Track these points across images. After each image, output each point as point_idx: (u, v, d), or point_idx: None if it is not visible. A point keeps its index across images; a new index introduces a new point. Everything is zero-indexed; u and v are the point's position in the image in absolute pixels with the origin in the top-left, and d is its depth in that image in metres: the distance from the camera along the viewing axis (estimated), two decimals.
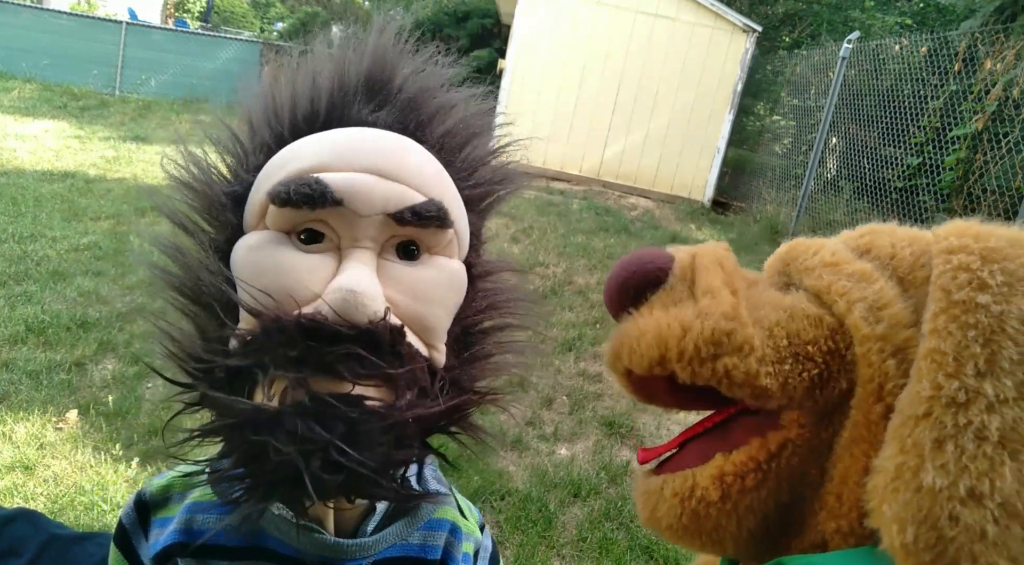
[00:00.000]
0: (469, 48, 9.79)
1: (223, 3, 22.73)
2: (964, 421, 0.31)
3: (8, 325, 2.78)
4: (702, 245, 0.45)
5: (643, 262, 0.43)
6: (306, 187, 0.39)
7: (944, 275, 0.34)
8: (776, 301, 0.41)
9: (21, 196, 4.48)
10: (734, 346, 0.38)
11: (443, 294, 0.43)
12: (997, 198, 4.00)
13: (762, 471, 0.39)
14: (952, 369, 0.32)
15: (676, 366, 0.39)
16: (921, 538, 0.30)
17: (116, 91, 9.41)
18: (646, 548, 1.99)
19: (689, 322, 0.39)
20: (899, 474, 0.32)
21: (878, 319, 0.36)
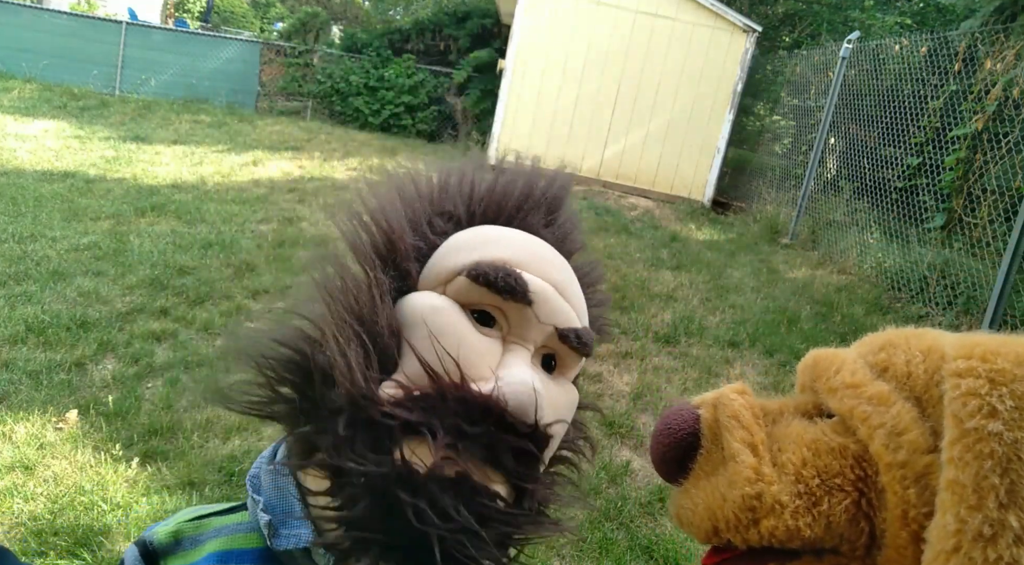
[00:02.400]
0: (469, 48, 9.79)
1: (223, 3, 22.73)
2: (994, 556, 0.31)
3: (8, 325, 2.78)
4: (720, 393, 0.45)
5: (673, 432, 0.45)
6: (512, 279, 0.42)
7: (955, 402, 0.34)
8: (800, 437, 0.41)
9: (21, 196, 4.48)
10: (767, 508, 0.39)
11: (568, 416, 0.46)
12: (997, 198, 4.00)
13: None
14: (974, 502, 0.32)
15: (728, 535, 0.41)
16: None
17: (116, 91, 9.41)
18: (646, 548, 1.99)
19: (724, 491, 0.41)
20: None
21: (898, 446, 0.37)
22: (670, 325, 3.59)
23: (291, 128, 8.35)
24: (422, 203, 0.48)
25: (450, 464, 0.37)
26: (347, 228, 0.45)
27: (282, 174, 5.98)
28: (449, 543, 0.36)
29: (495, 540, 0.38)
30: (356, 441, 0.38)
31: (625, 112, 7.04)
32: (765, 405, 0.45)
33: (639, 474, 2.37)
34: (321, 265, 0.44)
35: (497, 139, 7.18)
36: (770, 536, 0.39)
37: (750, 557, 0.42)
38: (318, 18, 10.12)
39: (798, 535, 0.39)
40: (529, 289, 0.42)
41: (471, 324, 0.42)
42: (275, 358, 0.42)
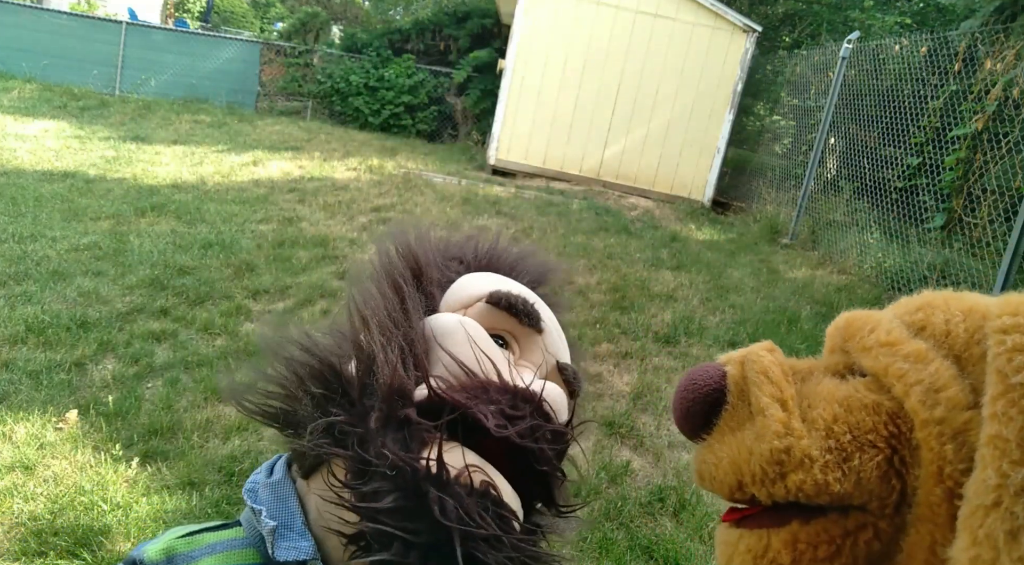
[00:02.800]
0: (469, 48, 9.78)
1: (223, 3, 22.72)
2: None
3: (8, 325, 2.78)
4: (748, 350, 0.45)
5: (698, 387, 0.44)
6: (531, 307, 0.48)
7: (1000, 357, 0.34)
8: (831, 394, 0.41)
9: (21, 196, 4.48)
10: (795, 462, 0.39)
11: None
12: (997, 198, 4.00)
13: (835, 544, 0.39)
14: (1017, 456, 0.32)
15: (753, 490, 0.41)
16: None
17: (116, 91, 9.41)
18: (646, 548, 1.99)
19: (751, 445, 0.40)
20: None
21: (935, 402, 0.36)
22: (670, 325, 3.59)
23: (291, 128, 8.35)
24: (438, 247, 0.56)
25: (477, 473, 0.39)
26: (383, 254, 0.51)
27: (282, 174, 5.98)
28: (468, 546, 0.36)
29: (505, 557, 0.39)
30: (387, 437, 0.39)
31: (625, 112, 7.04)
32: (794, 364, 0.45)
33: (639, 474, 2.37)
34: (358, 285, 0.48)
35: (497, 139, 7.18)
36: (797, 490, 0.39)
37: (773, 513, 0.41)
38: (318, 18, 10.12)
39: (827, 490, 0.38)
40: (543, 318, 0.48)
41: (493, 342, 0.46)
42: (304, 364, 0.44)
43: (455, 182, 6.39)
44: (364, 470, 0.39)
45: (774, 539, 0.41)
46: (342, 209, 5.06)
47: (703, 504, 2.23)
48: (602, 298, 3.90)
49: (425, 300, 0.49)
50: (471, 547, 0.37)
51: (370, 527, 0.38)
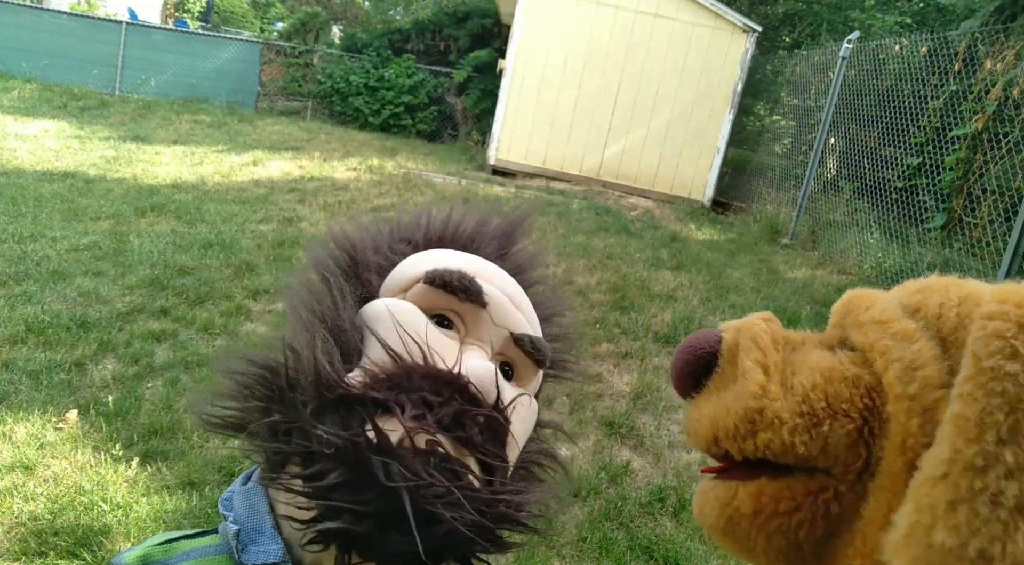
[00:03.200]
0: (469, 48, 9.78)
1: (223, 3, 22.72)
2: (980, 486, 0.32)
3: (8, 325, 2.77)
4: (745, 320, 0.48)
5: (694, 349, 0.47)
6: (468, 281, 0.46)
7: (977, 341, 0.35)
8: (816, 364, 0.44)
9: (21, 196, 4.48)
10: (766, 422, 0.42)
11: (528, 419, 0.48)
12: (997, 198, 4.00)
13: (796, 501, 0.42)
14: (973, 435, 0.33)
15: (727, 445, 0.44)
16: None
17: (116, 91, 9.41)
18: (646, 548, 1.99)
19: (729, 404, 0.44)
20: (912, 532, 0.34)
21: (911, 379, 0.38)
22: (670, 325, 3.59)
23: (291, 128, 8.35)
24: (383, 232, 0.54)
25: (421, 435, 0.38)
26: (313, 250, 0.51)
27: (282, 174, 5.98)
28: (421, 505, 0.36)
29: (465, 515, 0.38)
30: (325, 422, 0.39)
31: (625, 112, 7.04)
32: (789, 335, 0.47)
33: (639, 474, 2.37)
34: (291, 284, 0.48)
35: (497, 139, 7.18)
36: (765, 448, 0.41)
37: (746, 469, 0.44)
38: (318, 18, 10.12)
39: (792, 451, 0.41)
40: (484, 290, 0.46)
41: (431, 323, 0.45)
42: (247, 374, 0.44)
43: (455, 182, 6.39)
44: (310, 457, 0.39)
45: (741, 490, 0.44)
46: (342, 209, 5.06)
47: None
48: (602, 298, 3.90)
49: (361, 287, 0.48)
50: (424, 504, 0.36)
51: (320, 505, 0.38)
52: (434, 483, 0.36)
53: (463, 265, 0.48)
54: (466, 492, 0.38)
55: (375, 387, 0.40)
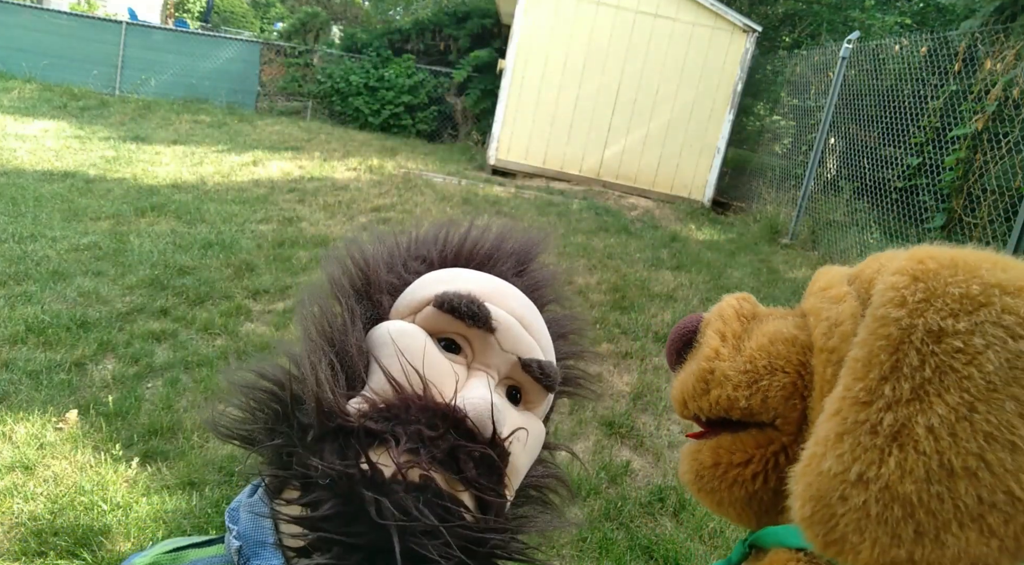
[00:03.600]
0: (469, 48, 9.78)
1: (223, 3, 22.72)
2: (863, 418, 0.36)
3: (8, 325, 2.77)
4: (722, 299, 0.53)
5: (679, 329, 0.54)
6: (476, 307, 0.45)
7: (877, 294, 0.39)
8: (766, 330, 0.49)
9: (21, 196, 4.48)
10: (717, 381, 0.47)
11: (533, 445, 0.48)
12: (997, 198, 4.00)
13: (749, 453, 0.47)
14: (860, 373, 0.37)
15: (691, 404, 0.49)
16: (817, 513, 0.36)
17: (116, 91, 9.42)
18: (646, 548, 1.99)
19: (690, 367, 0.49)
20: (808, 462, 0.38)
21: (831, 335, 0.43)
22: (670, 325, 3.59)
23: (291, 128, 8.35)
24: (399, 248, 0.53)
25: (415, 470, 0.38)
26: (328, 267, 0.50)
27: (282, 174, 5.98)
28: (409, 542, 0.36)
29: (458, 546, 0.38)
30: (324, 450, 0.39)
31: (625, 112, 7.04)
32: (759, 310, 0.53)
33: (639, 474, 2.37)
34: (304, 301, 0.47)
35: (497, 139, 7.18)
36: (716, 404, 0.47)
37: (711, 430, 0.51)
38: (318, 18, 10.12)
39: (736, 405, 0.46)
40: (492, 316, 0.45)
41: (437, 348, 0.45)
42: (256, 388, 0.44)
43: (455, 182, 6.39)
44: (307, 484, 0.39)
45: (704, 446, 0.50)
46: (342, 209, 5.06)
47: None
48: (602, 298, 3.90)
49: (372, 308, 0.48)
50: (413, 542, 0.36)
51: (312, 536, 0.38)
52: (423, 520, 0.36)
53: (475, 287, 0.48)
54: (456, 529, 0.38)
55: (372, 417, 0.40)
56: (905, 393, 0.36)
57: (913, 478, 0.34)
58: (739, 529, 2.13)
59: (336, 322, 0.45)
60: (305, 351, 0.43)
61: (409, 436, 0.39)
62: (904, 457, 0.35)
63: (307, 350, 0.43)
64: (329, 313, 0.46)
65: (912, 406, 0.35)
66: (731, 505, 0.49)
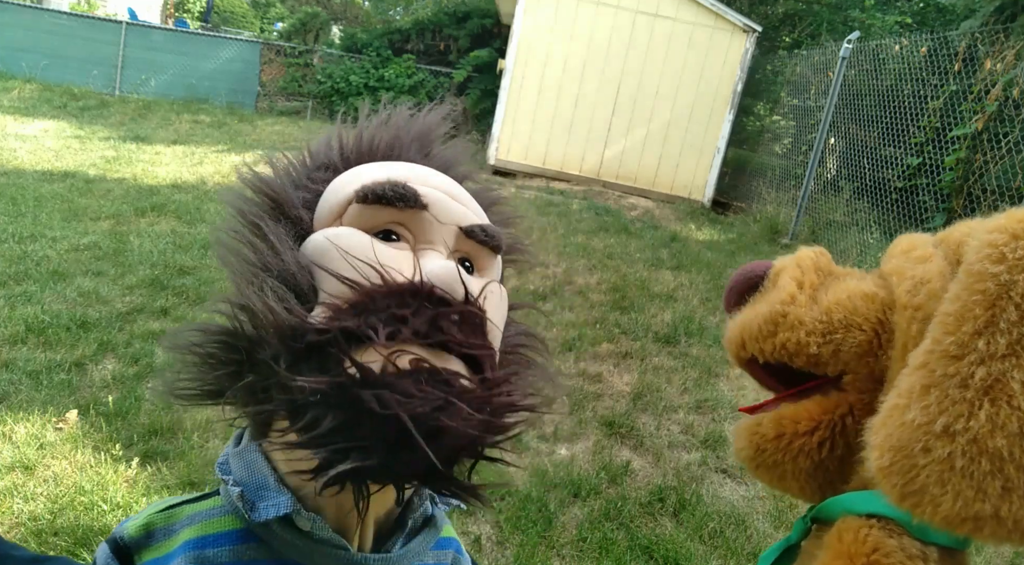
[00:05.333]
0: (469, 48, 9.78)
1: (223, 3, 22.72)
2: (953, 371, 0.35)
3: (8, 325, 2.78)
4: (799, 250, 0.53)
5: (747, 272, 0.54)
6: (401, 188, 0.43)
7: (972, 251, 0.38)
8: (844, 286, 0.48)
9: (21, 196, 4.49)
10: (788, 324, 0.46)
11: (501, 305, 0.47)
12: (997, 198, 4.00)
13: (815, 420, 0.45)
14: (952, 327, 0.36)
15: (750, 346, 0.48)
16: (896, 463, 0.35)
17: (116, 91, 9.42)
18: (646, 548, 1.99)
19: (759, 308, 0.48)
20: (890, 413, 0.37)
21: (917, 292, 0.42)
22: (670, 325, 3.59)
23: (291, 128, 8.35)
24: (296, 165, 0.50)
25: (403, 356, 0.37)
26: (231, 200, 0.47)
27: None
28: (423, 422, 0.35)
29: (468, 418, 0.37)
30: (303, 372, 0.38)
31: (625, 112, 7.05)
32: (835, 268, 0.52)
33: (639, 474, 2.37)
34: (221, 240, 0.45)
35: (497, 139, 7.18)
36: (782, 347, 0.46)
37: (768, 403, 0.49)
38: (318, 18, 10.12)
39: (805, 350, 0.45)
40: (419, 193, 0.44)
41: (377, 241, 0.43)
42: (206, 343, 0.42)
43: None
44: (297, 410, 0.38)
45: (764, 418, 0.48)
46: None
47: (703, 504, 2.23)
48: (602, 298, 3.90)
49: (294, 226, 0.45)
50: (428, 421, 0.35)
51: (323, 452, 0.37)
52: (429, 398, 0.36)
53: (390, 174, 0.46)
54: (462, 396, 0.37)
55: (341, 318, 0.38)
56: (1001, 348, 0.35)
57: (1005, 433, 0.33)
58: (740, 530, 2.13)
59: (261, 246, 0.43)
60: (243, 285, 0.41)
61: (385, 322, 0.38)
62: (996, 411, 0.34)
63: (244, 283, 0.41)
64: (249, 241, 0.44)
65: (1008, 361, 0.34)
66: (794, 478, 0.47)
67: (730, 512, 2.21)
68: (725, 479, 2.41)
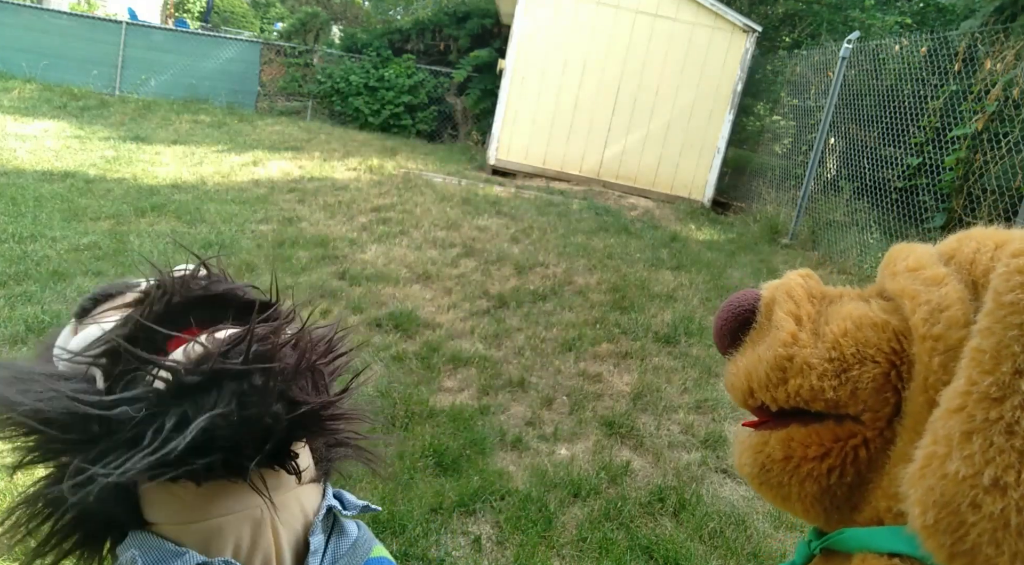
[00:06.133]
0: (469, 48, 9.79)
1: (223, 3, 22.72)
2: (995, 416, 0.32)
3: (8, 325, 2.78)
4: (785, 276, 0.49)
5: (733, 307, 0.49)
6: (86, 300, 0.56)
7: (999, 277, 0.35)
8: (848, 313, 0.44)
9: (21, 196, 4.49)
10: (796, 369, 0.42)
11: None
12: (997, 198, 4.00)
13: (825, 447, 0.43)
14: (989, 366, 0.33)
15: (760, 395, 0.44)
16: (942, 521, 0.32)
17: (116, 91, 9.42)
18: (646, 548, 1.99)
19: (762, 354, 0.44)
20: (927, 462, 0.34)
21: (936, 321, 0.38)
22: (670, 325, 3.59)
23: (291, 128, 8.35)
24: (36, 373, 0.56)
25: (194, 346, 0.45)
26: None
27: (282, 174, 5.98)
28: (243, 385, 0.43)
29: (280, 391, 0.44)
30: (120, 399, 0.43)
31: (625, 112, 7.05)
32: (827, 290, 0.48)
33: (639, 474, 2.37)
34: None
35: (497, 139, 7.18)
36: (796, 395, 0.42)
37: (777, 419, 0.46)
38: (318, 18, 10.12)
39: (821, 396, 0.41)
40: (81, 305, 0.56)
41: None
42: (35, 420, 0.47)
43: (455, 182, 6.39)
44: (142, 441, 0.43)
45: (772, 437, 0.45)
46: (342, 209, 5.06)
47: (703, 504, 2.23)
48: (602, 298, 3.90)
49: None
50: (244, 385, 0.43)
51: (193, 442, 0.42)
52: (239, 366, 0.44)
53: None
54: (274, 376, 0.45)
55: (123, 335, 0.45)
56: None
57: None
58: (740, 530, 2.14)
59: None
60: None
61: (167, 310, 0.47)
62: None
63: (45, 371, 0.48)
64: None
65: None
66: (799, 500, 0.45)
67: (730, 512, 2.21)
68: (725, 479, 2.41)
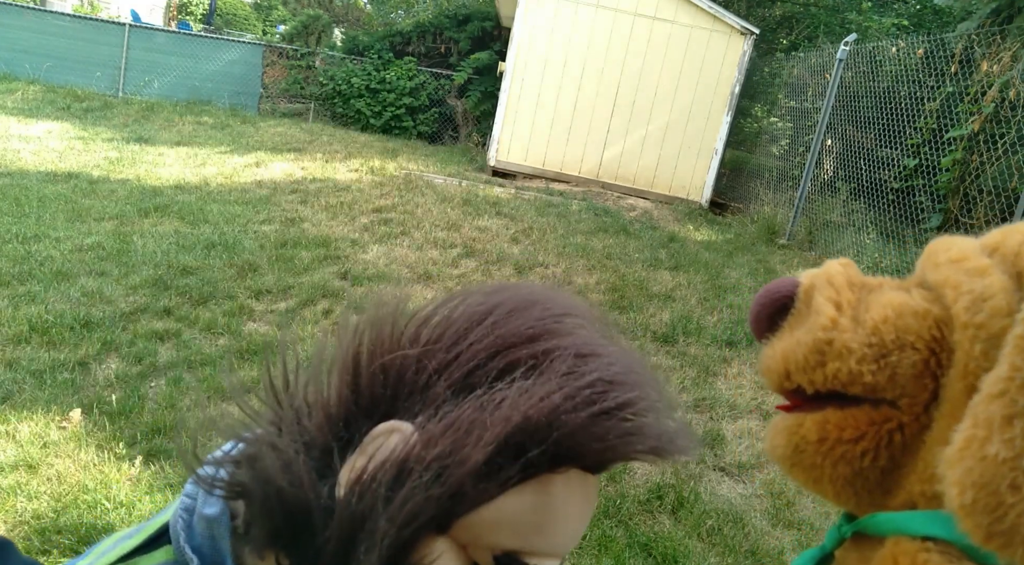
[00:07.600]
0: (469, 50, 9.82)
1: (225, 5, 22.77)
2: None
3: (12, 325, 2.80)
4: (825, 264, 0.50)
5: (771, 293, 0.49)
6: None
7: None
8: (888, 301, 0.44)
9: (25, 197, 4.52)
10: (835, 353, 0.42)
11: None
12: (993, 199, 4.02)
13: (861, 430, 0.43)
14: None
15: (797, 377, 0.45)
16: (980, 501, 0.33)
17: (119, 93, 9.45)
18: (644, 545, 2.01)
19: (800, 337, 0.45)
20: (967, 445, 0.34)
21: (979, 310, 0.39)
22: (668, 325, 3.62)
23: (293, 130, 8.38)
24: None
25: None
26: None
27: (284, 175, 6.01)
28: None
29: None
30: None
31: (624, 114, 7.07)
32: (866, 279, 0.49)
33: (638, 472, 2.39)
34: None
35: (497, 141, 7.21)
36: (833, 378, 0.43)
37: (813, 402, 0.46)
38: (320, 21, 10.15)
39: (859, 380, 0.42)
40: None
41: None
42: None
43: (456, 183, 6.42)
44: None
45: (808, 420, 0.45)
46: (344, 210, 5.09)
47: (701, 502, 2.25)
48: (601, 298, 3.92)
49: None
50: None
51: None
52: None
53: None
54: None
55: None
56: None
57: None
58: (738, 528, 2.15)
59: None
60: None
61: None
62: None
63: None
64: None
65: None
66: (831, 482, 0.45)
67: (728, 510, 2.23)
68: (723, 477, 2.43)
